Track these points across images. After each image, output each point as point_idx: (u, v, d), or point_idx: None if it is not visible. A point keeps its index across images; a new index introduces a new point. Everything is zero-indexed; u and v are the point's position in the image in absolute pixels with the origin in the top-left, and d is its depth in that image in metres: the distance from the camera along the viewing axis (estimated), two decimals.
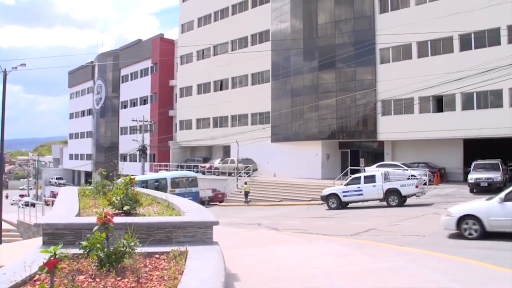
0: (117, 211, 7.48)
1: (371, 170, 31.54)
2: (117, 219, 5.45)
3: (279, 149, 41.40)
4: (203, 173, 44.27)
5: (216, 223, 6.54)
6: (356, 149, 38.54)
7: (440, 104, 32.18)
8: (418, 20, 31.87)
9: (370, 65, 35.06)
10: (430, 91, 29.73)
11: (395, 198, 23.01)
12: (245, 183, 36.26)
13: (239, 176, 39.42)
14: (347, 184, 25.09)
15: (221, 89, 49.57)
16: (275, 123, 41.95)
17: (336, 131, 37.33)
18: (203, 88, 51.69)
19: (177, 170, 48.94)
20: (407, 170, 30.20)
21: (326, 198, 25.29)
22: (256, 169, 42.47)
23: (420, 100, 32.07)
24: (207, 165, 45.45)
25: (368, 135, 35.83)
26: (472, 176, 23.91)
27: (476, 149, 31.94)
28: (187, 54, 53.52)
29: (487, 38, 29.82)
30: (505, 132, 28.75)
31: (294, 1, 40.52)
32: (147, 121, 52.31)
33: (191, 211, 7.34)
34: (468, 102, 30.76)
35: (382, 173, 24.20)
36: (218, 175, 42.33)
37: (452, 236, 12.28)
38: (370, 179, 24.11)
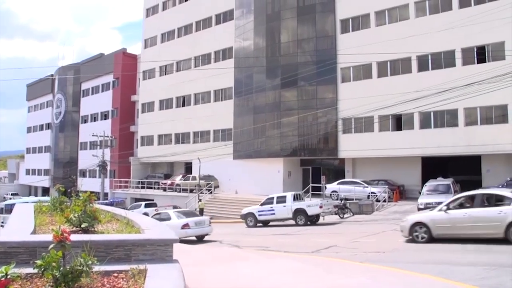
0: (74, 228, 7.26)
1: (332, 187, 32.05)
2: (74, 237, 5.28)
3: (241, 166, 41.38)
4: (164, 189, 43.76)
5: (176, 240, 6.45)
6: (318, 167, 38.95)
7: (399, 122, 33.04)
8: (378, 41, 32.79)
9: (332, 84, 35.73)
10: (389, 110, 30.51)
11: (302, 217, 24.59)
12: (199, 200, 36.11)
13: (201, 193, 39.12)
14: (262, 204, 26.39)
15: (183, 105, 49.33)
16: (237, 140, 41.99)
17: (297, 148, 37.67)
18: (165, 104, 51.31)
19: (137, 186, 48.25)
20: (367, 187, 30.78)
21: (244, 217, 26.46)
22: (218, 186, 42.28)
23: (380, 118, 32.85)
24: (168, 181, 44.89)
25: (329, 152, 36.31)
26: (422, 201, 24.06)
27: (433, 166, 32.97)
28: (149, 69, 53.15)
29: (443, 59, 31.05)
30: (461, 150, 29.88)
31: (257, 20, 41.02)
32: (107, 136, 51.41)
33: (151, 228, 7.20)
34: (425, 121, 31.74)
35: (292, 194, 25.91)
36: (180, 191, 41.88)
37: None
38: (282, 199, 25.79)
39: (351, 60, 33.22)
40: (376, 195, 29.84)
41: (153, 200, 39.80)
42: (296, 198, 25.92)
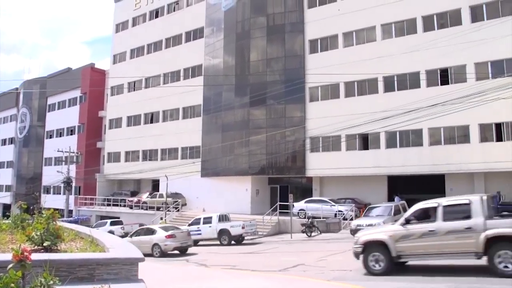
0: (36, 247, 7.04)
1: (300, 205, 32.16)
2: (35, 256, 5.12)
3: (209, 184, 41.13)
4: (131, 207, 43.06)
5: (142, 259, 6.34)
6: (286, 185, 39.04)
7: (366, 141, 33.57)
8: (345, 62, 33.48)
9: (300, 103, 36.11)
10: (356, 129, 31.01)
11: (226, 237, 26.32)
12: (161, 218, 35.74)
13: (168, 210, 38.65)
14: (190, 224, 27.62)
15: (151, 122, 48.89)
16: (206, 157, 41.78)
17: (266, 166, 37.74)
18: (133, 120, 50.76)
19: (103, 204, 47.27)
20: (334, 205, 31.03)
21: None
22: (185, 204, 41.88)
23: (347, 137, 33.32)
24: (135, 199, 44.20)
25: (297, 171, 36.51)
26: (355, 222, 24.12)
27: (399, 185, 33.56)
28: (118, 85, 52.57)
29: (408, 81, 31.83)
30: (426, 169, 30.56)
31: (227, 38, 41.29)
32: (73, 152, 50.35)
33: (116, 247, 7.06)
34: (391, 141, 32.34)
35: (217, 216, 27.55)
36: (146, 209, 41.31)
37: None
38: (208, 220, 27.41)
39: (319, 80, 33.73)
40: (343, 214, 30.13)
41: (119, 218, 39.11)
42: (222, 219, 27.58)
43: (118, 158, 51.56)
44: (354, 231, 21.85)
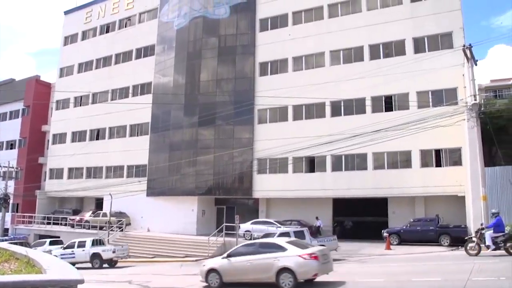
0: None
1: (246, 227, 31.98)
2: None
3: (154, 203, 40.32)
4: (72, 226, 41.49)
5: (81, 281, 6.00)
6: (232, 206, 38.84)
7: (312, 164, 34.02)
8: (294, 85, 34.05)
9: (249, 124, 36.28)
10: (303, 152, 31.40)
11: (97, 261, 27.35)
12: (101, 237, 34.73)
13: (111, 230, 37.53)
14: (65, 248, 28.49)
15: (97, 139, 47.58)
16: (152, 176, 41.01)
17: (212, 187, 37.47)
18: (78, 136, 49.25)
19: (43, 222, 45.35)
20: (280, 227, 31.00)
21: None
22: (130, 224, 40.75)
23: (294, 160, 33.67)
24: (77, 217, 42.62)
25: (244, 192, 36.44)
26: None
27: (344, 207, 34.12)
28: (64, 99, 50.99)
29: (355, 106, 32.69)
30: (370, 193, 31.32)
31: (178, 57, 41.10)
32: (12, 167, 48.20)
33: (53, 268, 6.68)
34: (337, 164, 32.97)
35: (91, 240, 28.49)
36: (89, 228, 39.88)
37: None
38: (82, 244, 28.25)
39: (268, 102, 34.13)
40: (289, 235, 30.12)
41: (59, 237, 37.53)
42: (96, 243, 28.47)
43: (61, 174, 49.74)
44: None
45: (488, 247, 17.81)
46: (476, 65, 24.02)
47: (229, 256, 15.22)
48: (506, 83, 49.18)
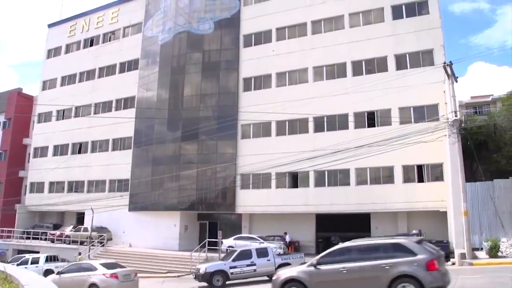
0: None
1: (228, 242, 31.76)
2: None
3: (136, 218, 39.88)
4: (52, 241, 40.70)
5: None
6: (215, 221, 38.62)
7: (295, 180, 34.02)
8: (278, 101, 34.20)
9: (232, 140, 36.24)
10: (286, 168, 31.34)
11: None
12: (79, 253, 34.20)
13: (92, 245, 36.96)
14: (19, 264, 27.80)
15: (79, 152, 47.02)
16: (134, 191, 40.60)
17: (195, 202, 37.19)
18: (60, 150, 48.64)
19: (22, 237, 44.47)
20: (263, 243, 30.84)
21: None
22: (111, 239, 40.18)
23: (277, 175, 33.65)
24: (58, 232, 41.89)
25: (227, 207, 36.24)
26: (198, 266, 23.44)
27: (326, 223, 34.08)
28: (46, 112, 50.48)
29: (337, 122, 32.87)
30: (352, 208, 31.39)
31: (162, 71, 41.03)
32: None
33: (32, 285, 6.50)
34: (320, 179, 33.02)
35: (45, 256, 29.20)
36: (69, 243, 39.19)
37: None
38: (36, 260, 28.87)
39: (252, 118, 34.17)
40: (272, 251, 29.95)
41: (38, 252, 36.81)
42: (49, 259, 29.09)
43: (41, 188, 48.99)
44: (195, 275, 22.58)
45: None
46: (456, 82, 24.28)
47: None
48: (485, 100, 49.95)
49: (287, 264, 22.02)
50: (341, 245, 13.01)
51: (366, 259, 11.70)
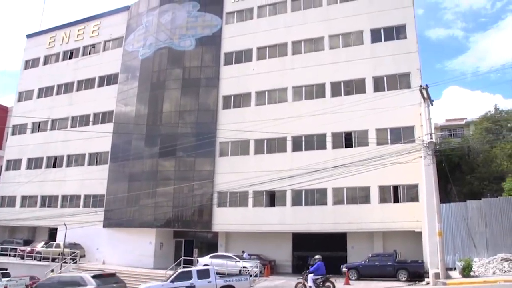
0: None
1: (204, 261, 31.43)
2: None
3: (111, 235, 39.19)
4: (22, 257, 39.56)
5: None
6: (191, 239, 38.18)
7: (272, 199, 34.01)
8: (257, 119, 34.35)
9: (210, 157, 36.10)
10: (264, 186, 31.26)
11: None
12: (51, 270, 33.45)
13: (64, 262, 36.07)
14: None
15: (54, 166, 46.12)
16: (109, 207, 39.92)
17: (171, 219, 36.72)
18: (34, 163, 47.67)
19: None
20: (239, 261, 30.63)
21: None
22: (84, 255, 39.30)
23: (255, 194, 33.60)
24: (28, 248, 40.76)
25: (203, 225, 35.89)
26: (140, 286, 23.78)
27: (303, 242, 34.05)
28: (21, 124, 49.61)
29: (315, 142, 33.10)
30: (329, 227, 31.50)
31: (141, 86, 40.86)
32: None
33: None
34: (297, 199, 33.07)
35: None
36: (40, 260, 38.13)
37: None
38: None
39: (230, 136, 34.18)
40: (248, 270, 29.78)
41: (6, 270, 35.71)
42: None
43: (13, 202, 47.79)
44: None
45: (310, 287, 20.42)
46: (432, 104, 24.77)
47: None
48: (459, 123, 51.15)
49: (231, 287, 22.03)
50: None
51: None
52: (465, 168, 35.36)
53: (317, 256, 21.28)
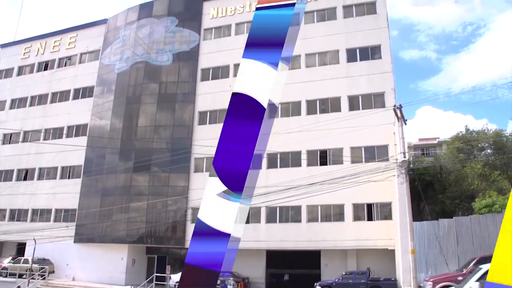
0: None
1: (177, 278, 30.97)
2: None
3: (82, 250, 38.27)
4: None
5: None
6: (164, 255, 37.61)
7: (247, 215, 33.76)
8: None
9: (184, 173, 35.83)
10: None
11: None
12: (18, 287, 32.53)
13: (32, 278, 35.09)
14: None
15: (25, 179, 45.13)
16: (81, 222, 39.09)
17: (144, 235, 36.16)
18: (4, 176, 46.44)
19: None
20: None
21: None
22: (53, 271, 38.29)
23: None
24: None
25: (176, 241, 35.43)
26: None
27: (277, 260, 33.90)
28: None
29: (290, 159, 33.21)
30: (303, 245, 31.49)
31: (117, 100, 40.47)
32: None
33: None
34: (271, 216, 33.03)
35: None
36: (6, 276, 36.99)
37: None
38: None
39: (206, 151, 33.99)
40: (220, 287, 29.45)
41: None
42: None
43: None
44: None
45: None
46: (405, 124, 25.17)
47: None
48: (432, 142, 52.04)
49: None
50: None
51: None
52: (438, 187, 35.89)
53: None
